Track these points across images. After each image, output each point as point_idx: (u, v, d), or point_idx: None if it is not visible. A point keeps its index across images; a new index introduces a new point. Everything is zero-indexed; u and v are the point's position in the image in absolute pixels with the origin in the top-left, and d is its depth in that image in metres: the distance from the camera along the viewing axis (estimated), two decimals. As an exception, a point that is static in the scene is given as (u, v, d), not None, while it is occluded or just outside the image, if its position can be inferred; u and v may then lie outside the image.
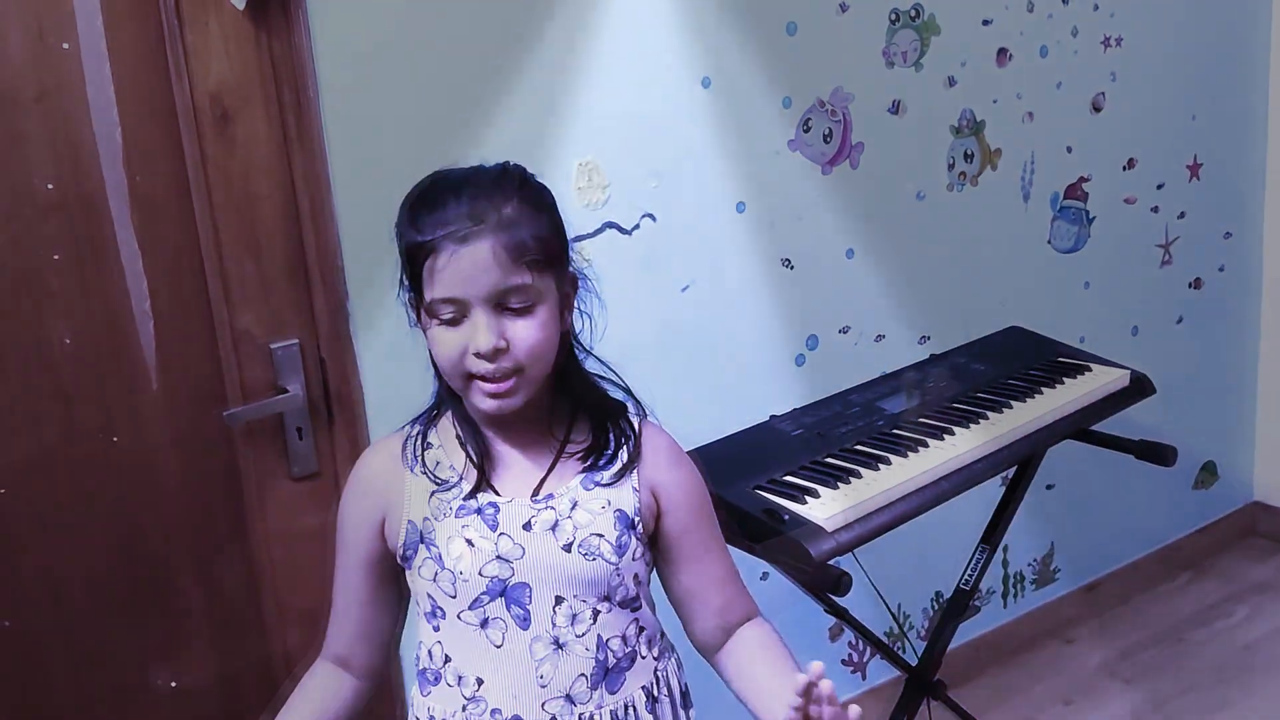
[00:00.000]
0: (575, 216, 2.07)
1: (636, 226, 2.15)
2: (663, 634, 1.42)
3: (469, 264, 1.22)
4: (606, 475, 1.34)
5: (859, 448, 1.90)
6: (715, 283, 2.27)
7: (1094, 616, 3.13)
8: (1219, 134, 3.11)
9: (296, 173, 1.82)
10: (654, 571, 1.41)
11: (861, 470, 1.81)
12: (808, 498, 1.74)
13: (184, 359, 1.79)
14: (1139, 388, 2.19)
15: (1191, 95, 3.02)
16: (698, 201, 2.22)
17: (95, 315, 1.72)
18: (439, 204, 1.25)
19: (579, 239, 2.07)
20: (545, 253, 1.26)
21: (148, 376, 1.77)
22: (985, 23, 2.57)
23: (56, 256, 1.68)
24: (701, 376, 2.29)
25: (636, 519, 1.34)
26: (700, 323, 2.27)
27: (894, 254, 2.53)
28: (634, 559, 1.33)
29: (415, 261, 1.25)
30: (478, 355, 1.23)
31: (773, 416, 2.07)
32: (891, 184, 2.49)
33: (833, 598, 1.89)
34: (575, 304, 1.34)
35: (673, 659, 1.43)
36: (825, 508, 1.72)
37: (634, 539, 1.33)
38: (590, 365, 1.40)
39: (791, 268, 2.38)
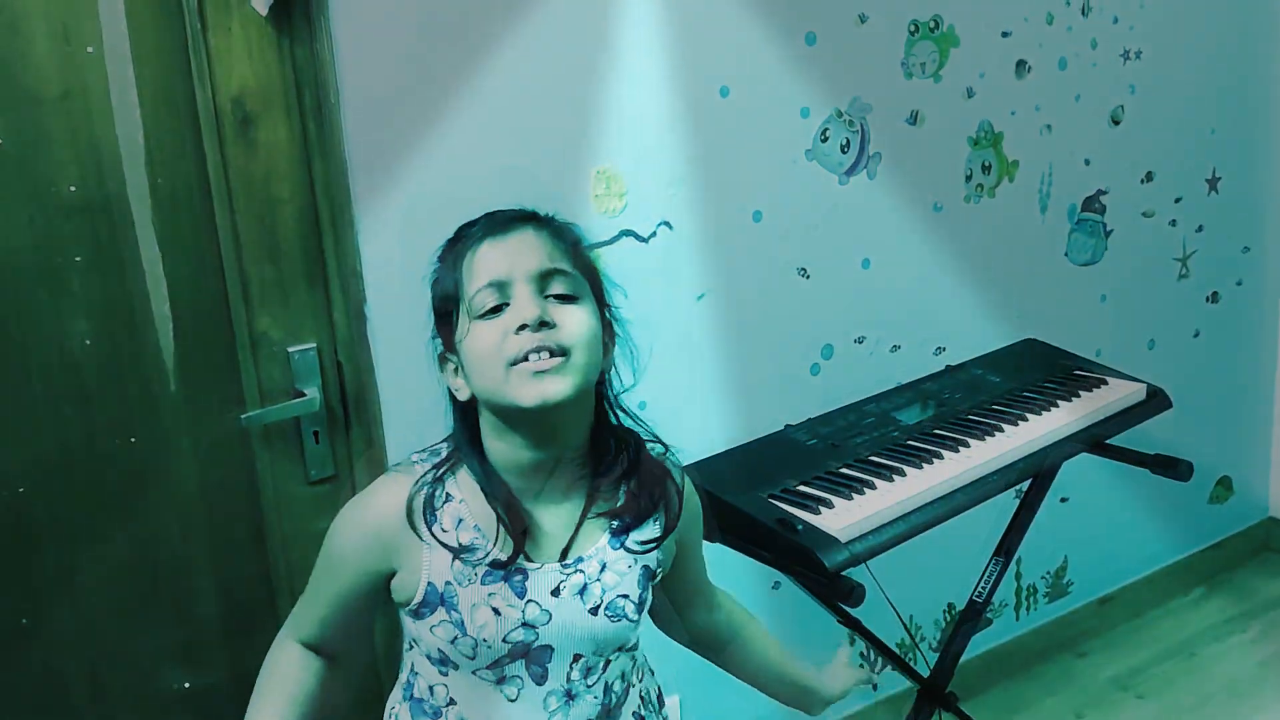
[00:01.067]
0: (592, 224, 2.08)
1: (653, 234, 2.16)
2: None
3: (514, 246, 1.22)
4: (636, 543, 1.30)
5: (873, 458, 1.90)
6: (731, 291, 2.27)
7: (1107, 630, 3.12)
8: (1238, 148, 3.11)
9: (316, 178, 1.83)
10: None
11: (876, 481, 1.81)
12: (821, 508, 1.74)
13: (202, 361, 1.81)
14: (1155, 401, 2.18)
15: (1210, 109, 3.01)
16: (714, 210, 2.22)
17: (115, 316, 1.73)
18: (479, 220, 1.26)
19: (595, 246, 2.08)
20: (583, 260, 1.26)
21: (166, 378, 1.78)
22: (1004, 35, 2.57)
23: (78, 257, 1.70)
24: (716, 385, 2.29)
25: (659, 570, 1.34)
26: (716, 331, 2.27)
27: (910, 264, 2.53)
28: (648, 609, 1.34)
29: (458, 264, 1.23)
30: (522, 328, 1.17)
31: (787, 426, 2.07)
32: (909, 194, 2.49)
33: (845, 608, 1.89)
34: (612, 351, 1.30)
35: (648, 670, 1.44)
36: (839, 518, 1.71)
37: (651, 590, 1.33)
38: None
39: (807, 277, 2.38)
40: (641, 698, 1.39)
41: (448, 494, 1.27)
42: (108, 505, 1.77)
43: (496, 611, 1.24)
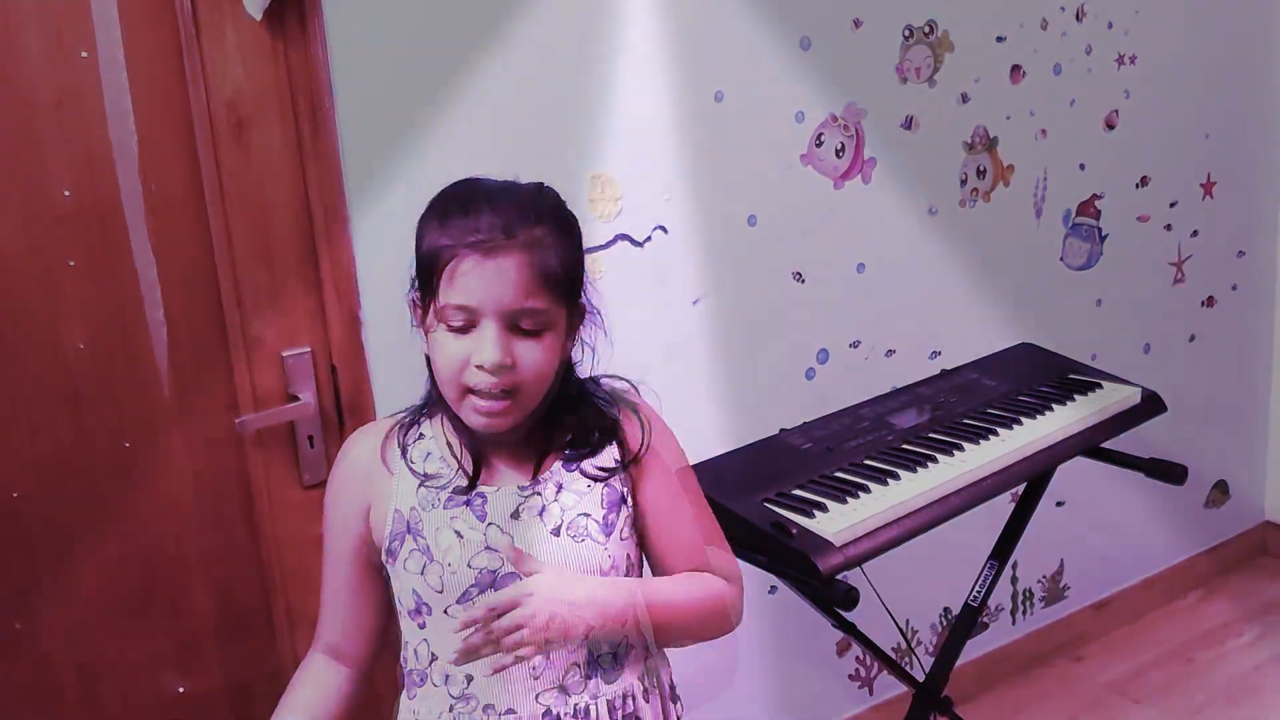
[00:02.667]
0: (588, 228, 2.07)
1: (648, 238, 2.16)
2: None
3: (493, 276, 1.21)
4: (593, 467, 1.33)
5: (868, 462, 1.90)
6: (726, 295, 2.28)
7: (1103, 634, 3.12)
8: (1233, 152, 3.11)
9: (311, 181, 1.83)
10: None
11: (871, 485, 1.81)
12: (816, 512, 1.74)
13: (196, 365, 1.80)
14: (1150, 406, 2.18)
15: (1205, 113, 3.02)
16: (710, 214, 2.22)
17: (109, 321, 1.73)
18: (472, 210, 1.23)
19: (591, 251, 2.08)
20: (566, 280, 1.26)
21: (160, 382, 1.78)
22: (999, 40, 2.57)
23: (72, 262, 1.69)
24: (712, 389, 2.29)
25: (626, 492, 1.35)
26: (711, 335, 2.27)
27: (905, 269, 2.53)
28: (622, 538, 1.34)
29: (437, 262, 1.23)
30: (480, 368, 1.22)
31: (782, 430, 2.07)
32: (904, 199, 2.50)
33: (840, 612, 1.89)
34: (579, 334, 1.34)
35: (663, 657, 1.44)
36: (834, 522, 1.71)
37: (621, 516, 1.33)
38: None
39: (803, 281, 2.38)
40: (648, 667, 1.38)
41: (420, 433, 1.36)
42: (101, 510, 1.77)
43: (459, 535, 1.29)
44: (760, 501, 1.78)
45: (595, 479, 1.33)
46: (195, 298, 1.79)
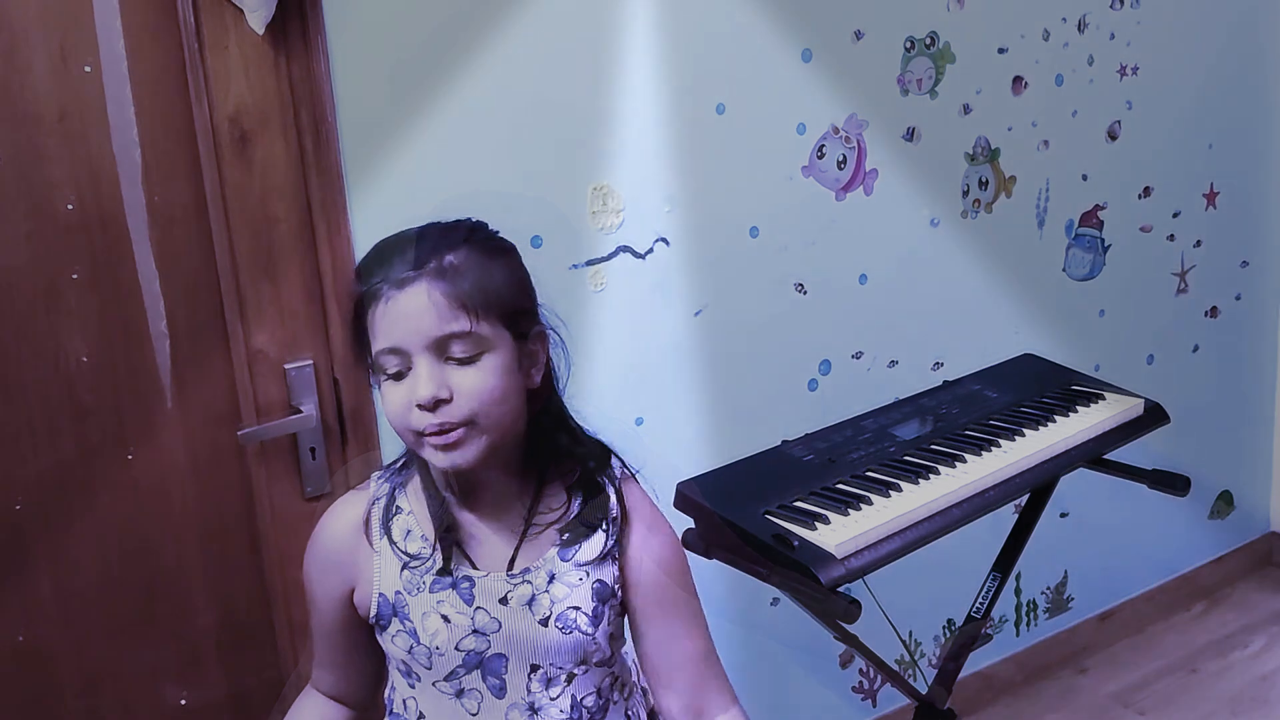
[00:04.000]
0: (589, 240, 2.08)
1: (650, 250, 2.16)
2: (630, 667, 1.42)
3: (407, 310, 1.18)
4: (584, 554, 1.30)
5: (870, 474, 1.89)
6: (728, 307, 2.28)
7: (1108, 646, 3.11)
8: (1236, 162, 3.11)
9: (313, 195, 1.84)
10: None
11: (873, 496, 1.81)
12: (818, 524, 1.74)
13: (199, 377, 1.81)
14: (1154, 416, 2.17)
15: (1208, 123, 3.02)
16: (711, 226, 2.23)
17: (112, 333, 1.74)
18: (383, 256, 1.22)
19: (593, 263, 2.08)
20: (492, 301, 1.20)
21: (163, 394, 1.79)
22: (1001, 51, 2.57)
23: (75, 274, 1.70)
24: (713, 400, 2.29)
25: (616, 587, 1.32)
26: (713, 346, 2.27)
27: (908, 280, 2.53)
28: (609, 624, 1.32)
29: (362, 314, 1.22)
30: (420, 407, 1.18)
31: (784, 441, 2.06)
32: (906, 210, 2.50)
33: (843, 625, 1.89)
34: (545, 362, 1.29)
35: (639, 691, 1.43)
36: (836, 534, 1.71)
37: (608, 609, 1.31)
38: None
39: (805, 293, 2.38)
40: (627, 716, 1.38)
41: (398, 506, 1.32)
42: (104, 521, 1.77)
43: (446, 619, 1.27)
44: (761, 513, 1.77)
45: (587, 570, 1.30)
46: (198, 310, 1.79)
